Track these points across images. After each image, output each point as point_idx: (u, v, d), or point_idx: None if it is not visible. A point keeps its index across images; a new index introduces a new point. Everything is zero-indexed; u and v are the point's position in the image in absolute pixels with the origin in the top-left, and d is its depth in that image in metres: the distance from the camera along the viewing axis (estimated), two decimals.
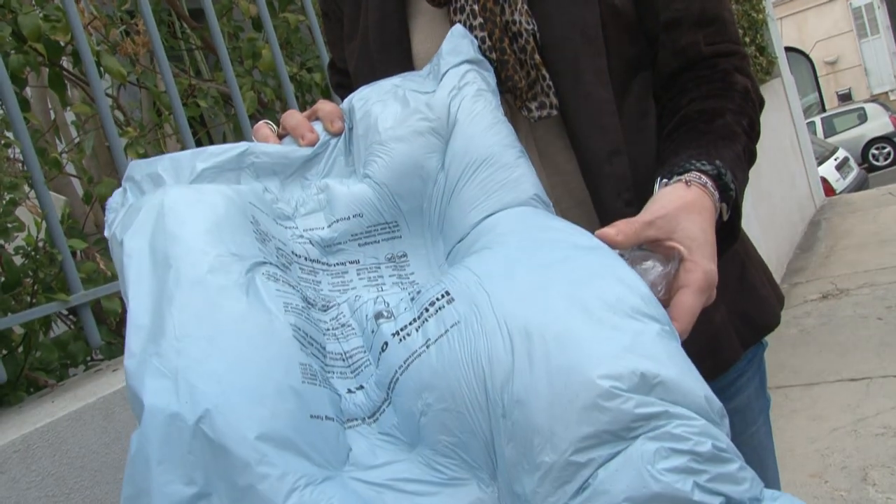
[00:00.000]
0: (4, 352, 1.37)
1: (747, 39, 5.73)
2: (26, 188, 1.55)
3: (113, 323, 1.67)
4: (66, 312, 1.66)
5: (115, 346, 1.59)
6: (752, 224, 4.45)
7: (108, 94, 1.97)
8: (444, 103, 0.77)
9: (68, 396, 1.23)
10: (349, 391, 0.66)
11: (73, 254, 1.51)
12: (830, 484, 2.44)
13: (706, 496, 0.51)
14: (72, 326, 1.72)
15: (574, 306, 0.59)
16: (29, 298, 1.42)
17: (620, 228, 0.68)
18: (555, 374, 0.56)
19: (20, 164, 1.82)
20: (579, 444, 0.53)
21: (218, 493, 0.54)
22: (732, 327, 0.90)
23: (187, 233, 0.65)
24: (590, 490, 0.53)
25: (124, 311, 1.23)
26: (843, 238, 5.70)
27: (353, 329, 0.70)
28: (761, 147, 0.87)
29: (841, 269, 4.83)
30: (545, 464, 0.54)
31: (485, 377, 0.58)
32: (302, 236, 0.75)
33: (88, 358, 1.60)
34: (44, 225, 1.42)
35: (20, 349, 1.40)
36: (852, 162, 10.90)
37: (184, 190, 0.70)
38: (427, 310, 0.65)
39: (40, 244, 1.49)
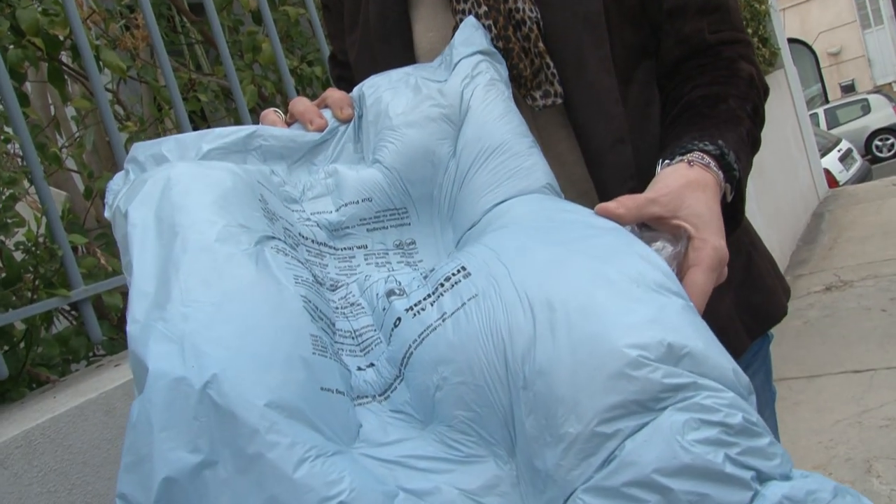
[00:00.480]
0: (6, 348, 1.37)
1: (750, 30, 5.71)
2: (26, 183, 1.54)
3: (114, 318, 1.67)
4: (67, 308, 1.65)
5: (116, 341, 1.59)
6: (756, 216, 4.44)
7: (107, 89, 1.97)
8: (456, 91, 0.76)
9: (70, 392, 1.23)
10: (359, 368, 0.64)
11: (74, 249, 1.51)
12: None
13: (737, 469, 0.50)
14: (73, 322, 1.72)
15: (596, 279, 0.58)
16: (30, 294, 1.42)
17: (622, 202, 0.68)
18: (579, 344, 0.54)
19: (20, 160, 1.82)
20: (605, 415, 0.52)
21: (224, 460, 0.52)
22: (739, 318, 0.89)
23: (194, 203, 0.64)
24: (616, 462, 0.51)
25: (125, 305, 1.23)
26: (847, 230, 5.69)
27: (363, 308, 0.69)
28: (764, 138, 0.87)
29: (844, 261, 4.82)
30: (569, 435, 0.52)
31: (505, 348, 0.57)
32: (309, 219, 0.74)
33: (90, 353, 1.60)
34: (44, 220, 1.41)
35: (21, 345, 1.40)
36: (855, 153, 10.88)
37: (190, 164, 0.69)
38: (442, 285, 0.63)
39: (41, 240, 1.48)
